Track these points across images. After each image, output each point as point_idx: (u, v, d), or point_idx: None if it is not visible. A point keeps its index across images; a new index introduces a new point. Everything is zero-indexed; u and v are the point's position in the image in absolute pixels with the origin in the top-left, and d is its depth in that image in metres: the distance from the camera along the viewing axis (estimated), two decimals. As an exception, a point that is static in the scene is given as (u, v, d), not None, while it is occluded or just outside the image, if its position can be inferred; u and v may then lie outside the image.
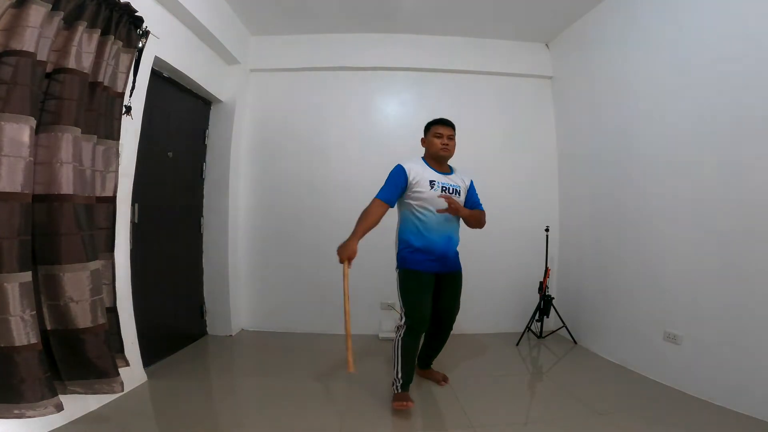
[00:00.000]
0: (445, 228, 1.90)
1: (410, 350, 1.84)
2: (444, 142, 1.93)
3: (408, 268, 1.88)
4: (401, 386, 1.83)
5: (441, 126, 1.95)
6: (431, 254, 1.87)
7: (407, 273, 1.88)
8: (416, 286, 1.86)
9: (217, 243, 2.89)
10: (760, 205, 1.73)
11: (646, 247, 2.30)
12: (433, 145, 1.95)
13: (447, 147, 1.93)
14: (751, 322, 1.75)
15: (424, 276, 1.87)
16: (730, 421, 1.70)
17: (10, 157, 1.31)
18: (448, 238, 1.91)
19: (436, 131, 1.95)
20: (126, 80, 1.82)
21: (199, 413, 1.80)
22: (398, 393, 1.82)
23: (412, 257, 1.87)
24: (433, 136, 1.95)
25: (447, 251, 1.91)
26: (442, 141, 1.93)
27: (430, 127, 2.00)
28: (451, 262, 1.95)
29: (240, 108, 3.01)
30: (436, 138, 1.94)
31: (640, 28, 2.36)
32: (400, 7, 2.78)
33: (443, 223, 1.88)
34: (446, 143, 1.93)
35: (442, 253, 1.89)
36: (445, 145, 1.93)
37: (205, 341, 2.80)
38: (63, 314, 1.49)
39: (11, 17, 1.35)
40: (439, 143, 1.93)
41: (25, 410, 1.32)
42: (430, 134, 1.97)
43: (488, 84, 3.23)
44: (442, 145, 1.92)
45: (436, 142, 1.93)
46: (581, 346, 2.76)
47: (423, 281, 1.86)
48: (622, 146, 2.51)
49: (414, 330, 1.83)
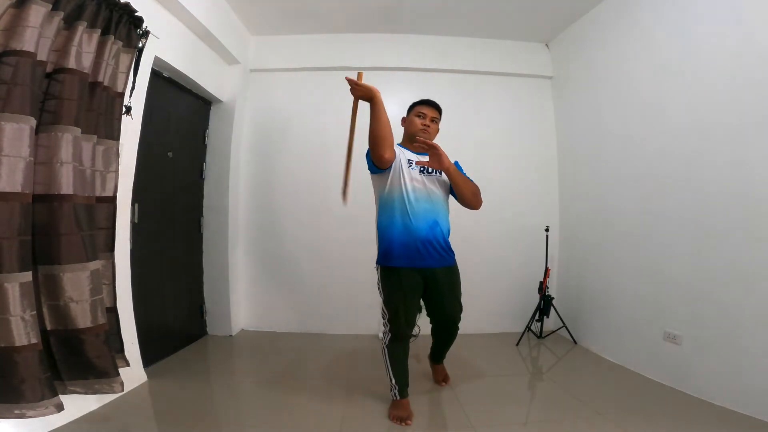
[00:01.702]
0: (428, 212, 1.70)
1: (398, 356, 1.76)
2: (425, 123, 1.78)
3: (389, 266, 1.70)
4: (398, 392, 1.75)
5: (425, 106, 1.82)
6: (410, 245, 1.66)
7: (388, 272, 1.71)
8: (397, 287, 1.69)
9: (217, 243, 2.89)
10: (760, 205, 1.73)
11: (646, 247, 2.30)
12: (412, 125, 1.80)
13: (427, 128, 1.78)
14: (751, 322, 1.75)
15: (409, 275, 1.68)
16: (730, 421, 1.70)
17: (10, 157, 1.31)
18: (434, 223, 1.70)
19: (419, 110, 1.81)
20: (126, 80, 1.82)
21: (199, 413, 1.80)
22: (396, 401, 1.76)
23: (392, 251, 1.68)
24: (414, 116, 1.82)
25: (432, 239, 1.69)
26: (423, 121, 1.79)
27: (413, 107, 1.85)
28: (440, 255, 1.72)
29: (240, 108, 3.02)
30: (417, 117, 1.80)
31: (640, 28, 2.36)
32: (401, 6, 2.78)
33: (425, 206, 1.70)
34: (427, 124, 1.78)
35: (425, 242, 1.67)
36: (425, 126, 1.78)
37: (205, 341, 2.80)
38: (63, 314, 1.49)
39: (11, 17, 1.36)
40: (419, 123, 1.78)
41: (26, 410, 1.32)
42: (413, 113, 1.83)
43: (488, 84, 3.23)
44: (422, 125, 1.78)
45: (417, 122, 1.79)
46: (581, 346, 2.76)
47: (406, 282, 1.68)
48: (622, 146, 2.51)
49: (398, 336, 1.73)
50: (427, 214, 1.70)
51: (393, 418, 1.71)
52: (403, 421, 1.68)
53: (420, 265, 1.69)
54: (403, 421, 1.68)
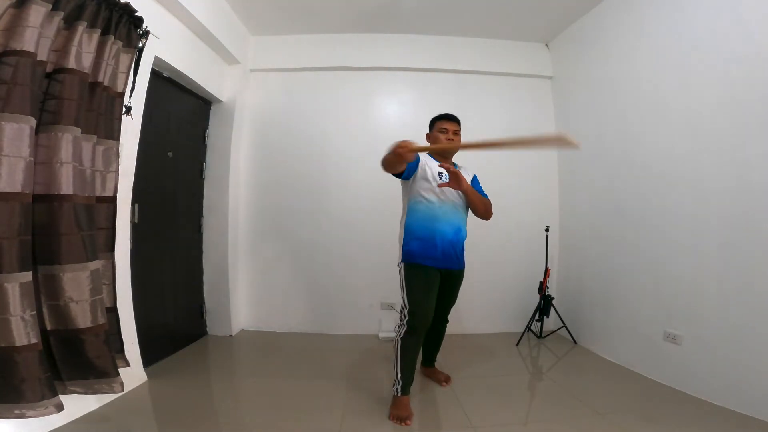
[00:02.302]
0: (453, 218, 1.85)
1: (411, 350, 1.79)
2: (449, 137, 1.93)
3: (413, 263, 1.82)
4: (401, 389, 1.78)
5: (446, 121, 1.95)
6: (437, 246, 1.81)
7: (412, 268, 1.82)
8: (422, 283, 1.80)
9: (217, 243, 2.89)
10: (760, 205, 1.73)
11: (646, 247, 2.30)
12: (438, 141, 1.94)
13: (453, 142, 1.93)
14: (750, 322, 1.75)
15: (431, 272, 1.81)
16: (730, 421, 1.70)
17: (10, 157, 1.31)
18: (458, 228, 1.87)
19: (441, 126, 1.95)
20: (126, 80, 1.82)
21: (199, 413, 1.80)
22: (398, 397, 1.78)
23: (418, 250, 1.81)
24: (438, 131, 1.95)
25: (455, 243, 1.86)
26: (447, 136, 1.93)
27: (434, 123, 2.00)
28: (457, 258, 1.89)
29: (240, 108, 3.02)
30: (441, 133, 1.94)
31: (639, 27, 2.36)
32: (401, 6, 2.78)
33: (450, 213, 1.85)
34: (452, 138, 1.93)
35: (449, 245, 1.83)
36: (450, 140, 1.92)
37: (205, 341, 2.80)
38: (63, 314, 1.49)
39: (11, 17, 1.36)
40: (444, 138, 1.92)
41: (26, 410, 1.32)
42: (435, 129, 1.97)
43: (488, 84, 3.23)
44: (447, 140, 1.92)
45: (441, 137, 1.93)
46: (581, 346, 2.77)
47: (429, 278, 1.81)
48: (622, 146, 2.51)
49: (416, 330, 1.78)
50: (453, 219, 1.86)
51: (393, 418, 1.72)
52: (402, 421, 1.69)
53: (441, 265, 1.84)
54: (403, 421, 1.69)
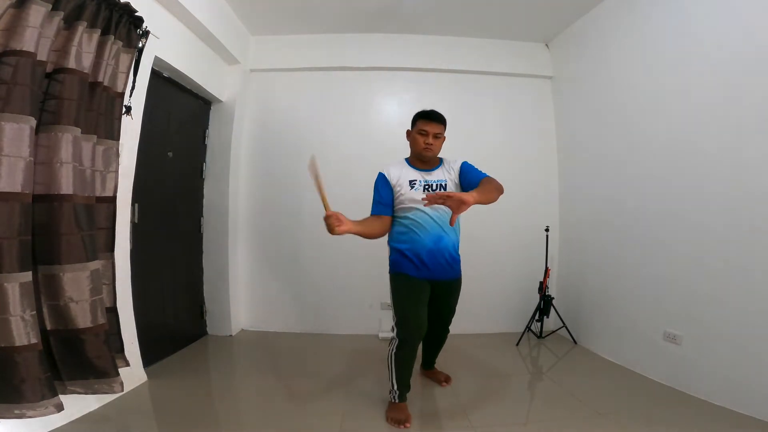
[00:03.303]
0: (433, 228, 1.74)
1: (404, 364, 1.75)
2: (428, 141, 1.75)
3: (399, 272, 1.78)
4: (398, 396, 1.76)
5: (427, 122, 1.77)
6: (420, 257, 1.73)
7: (398, 277, 1.78)
8: (408, 292, 1.75)
9: (217, 243, 2.89)
10: (760, 205, 1.72)
11: (646, 247, 2.30)
12: (416, 144, 1.79)
13: (430, 147, 1.76)
14: (750, 322, 1.75)
15: (417, 281, 1.75)
16: (730, 421, 1.70)
17: (10, 157, 1.31)
18: (437, 237, 1.74)
19: (422, 128, 1.77)
20: (126, 80, 1.82)
21: (199, 413, 1.80)
22: (395, 403, 1.77)
23: (401, 261, 1.77)
24: (417, 133, 1.78)
25: (436, 253, 1.75)
26: (425, 140, 1.75)
27: (416, 121, 1.82)
28: (444, 268, 1.78)
29: (240, 108, 3.01)
30: (420, 135, 1.77)
31: (639, 27, 2.36)
32: (400, 6, 2.78)
33: (427, 224, 1.74)
34: (430, 143, 1.75)
35: (431, 255, 1.74)
36: (428, 144, 1.75)
37: (205, 341, 2.80)
38: (63, 314, 1.49)
39: (11, 17, 1.35)
40: (422, 142, 1.76)
41: (26, 410, 1.32)
42: (415, 130, 1.80)
43: (488, 84, 3.22)
44: (425, 144, 1.76)
45: (420, 141, 1.77)
46: (581, 346, 2.76)
47: (416, 287, 1.75)
48: (622, 146, 2.50)
49: (407, 343, 1.72)
50: (431, 229, 1.75)
51: (390, 421, 1.70)
52: (401, 424, 1.68)
53: (429, 276, 1.77)
54: (401, 423, 1.68)
